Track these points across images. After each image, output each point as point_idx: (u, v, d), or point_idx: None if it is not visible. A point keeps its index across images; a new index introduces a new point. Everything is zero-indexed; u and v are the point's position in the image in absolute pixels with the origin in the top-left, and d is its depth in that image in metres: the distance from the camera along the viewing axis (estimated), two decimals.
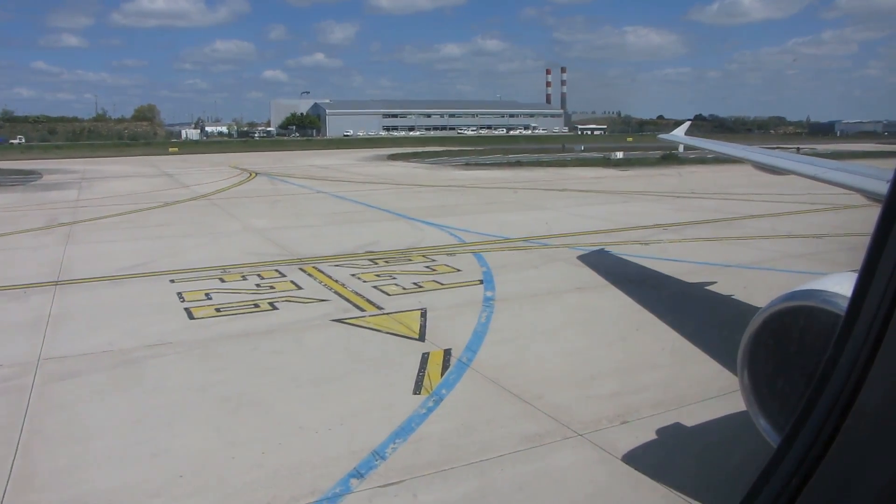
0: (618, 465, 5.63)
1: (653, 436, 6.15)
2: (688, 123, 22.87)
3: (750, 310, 9.89)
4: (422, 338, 9.03)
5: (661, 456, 5.85)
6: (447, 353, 8.38)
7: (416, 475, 5.49)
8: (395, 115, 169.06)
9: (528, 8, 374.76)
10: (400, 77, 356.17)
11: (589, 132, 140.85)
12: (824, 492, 1.30)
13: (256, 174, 41.22)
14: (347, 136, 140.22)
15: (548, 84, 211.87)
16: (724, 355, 8.24)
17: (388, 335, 9.21)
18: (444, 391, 7.23)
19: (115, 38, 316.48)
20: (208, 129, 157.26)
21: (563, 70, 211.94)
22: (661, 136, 22.18)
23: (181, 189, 31.33)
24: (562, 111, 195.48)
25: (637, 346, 8.73)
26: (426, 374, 7.71)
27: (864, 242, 1.30)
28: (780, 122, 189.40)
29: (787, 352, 4.40)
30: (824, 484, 1.29)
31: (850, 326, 1.30)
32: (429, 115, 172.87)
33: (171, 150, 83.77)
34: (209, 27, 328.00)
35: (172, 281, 12.47)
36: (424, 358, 8.21)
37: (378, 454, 5.84)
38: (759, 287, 11.79)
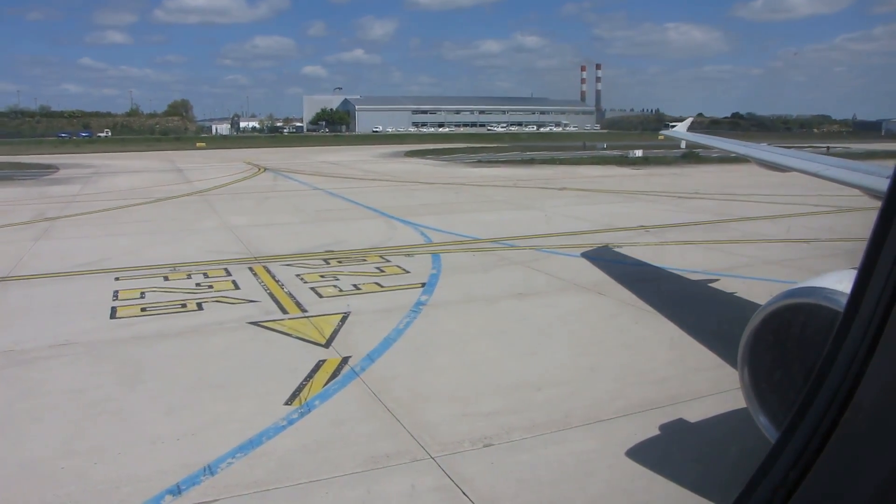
0: (454, 494, 5.23)
1: (508, 462, 5.71)
2: (690, 120, 22.14)
3: (692, 324, 9.35)
4: (327, 344, 8.72)
5: (509, 486, 5.41)
6: (344, 360, 8.05)
7: (233, 494, 5.19)
8: (424, 112, 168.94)
9: (569, 4, 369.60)
10: (438, 73, 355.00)
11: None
12: (822, 485, 1.30)
13: (265, 170, 41.48)
14: (377, 131, 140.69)
15: (582, 81, 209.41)
16: (636, 373, 7.73)
17: (296, 340, 8.92)
18: (317, 402, 6.91)
19: (157, 34, 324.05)
20: (242, 124, 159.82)
21: (597, 67, 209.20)
22: (663, 132, 21.45)
23: (183, 185, 31.65)
24: (593, 108, 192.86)
25: (548, 360, 8.24)
26: (310, 383, 7.40)
27: (854, 248, 1.04)
28: (823, 120, 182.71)
29: (788, 349, 4.34)
30: (822, 477, 1.30)
31: (849, 322, 1.31)
32: (458, 112, 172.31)
33: (198, 144, 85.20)
34: (249, 23, 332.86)
35: (117, 279, 12.42)
36: (318, 365, 7.90)
37: (209, 469, 5.55)
38: (710, 297, 11.19)
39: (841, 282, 4.03)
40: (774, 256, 14.30)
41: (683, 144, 38.38)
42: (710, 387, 7.24)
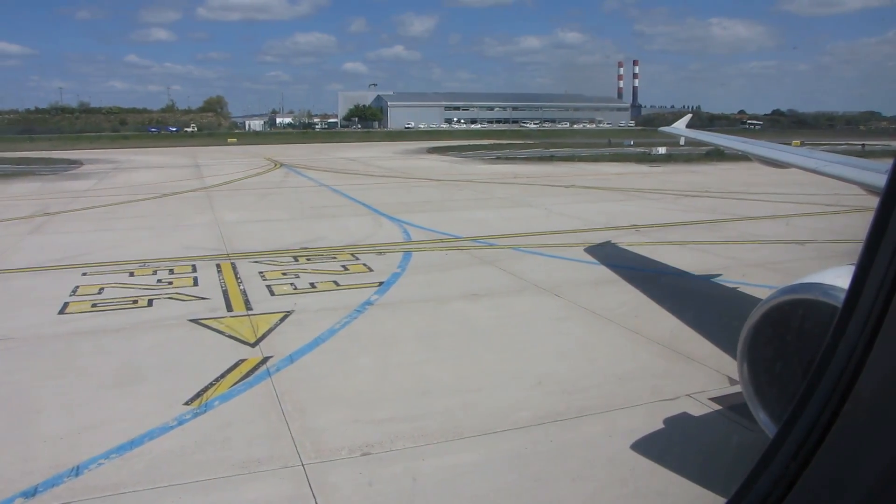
0: None
1: (378, 473, 5.49)
2: (688, 116, 21.49)
3: (639, 331, 8.95)
4: (255, 343, 8.63)
5: (368, 499, 5.19)
6: (263, 360, 7.96)
7: (87, 497, 5.13)
8: (457, 108, 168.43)
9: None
10: (477, 70, 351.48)
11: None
12: (823, 476, 1.32)
13: (281, 165, 41.86)
14: (409, 128, 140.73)
15: (619, 77, 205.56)
16: (555, 382, 7.41)
17: (227, 338, 8.87)
18: (217, 403, 6.82)
19: (200, 31, 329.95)
20: (278, 120, 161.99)
21: (635, 63, 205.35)
22: (661, 128, 20.86)
23: (193, 180, 32.13)
24: (628, 105, 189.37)
25: (471, 365, 7.97)
26: (219, 383, 7.32)
27: (851, 249, 1.27)
28: (871, 117, 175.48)
29: (787, 343, 4.40)
30: (823, 468, 1.31)
31: (848, 315, 1.32)
32: (491, 108, 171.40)
33: (229, 140, 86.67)
34: (290, 20, 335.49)
35: (85, 274, 12.60)
36: (236, 365, 7.82)
37: (76, 470, 5.50)
38: (672, 303, 10.73)
39: (839, 277, 4.02)
40: (761, 259, 13.69)
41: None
42: (627, 399, 6.90)
